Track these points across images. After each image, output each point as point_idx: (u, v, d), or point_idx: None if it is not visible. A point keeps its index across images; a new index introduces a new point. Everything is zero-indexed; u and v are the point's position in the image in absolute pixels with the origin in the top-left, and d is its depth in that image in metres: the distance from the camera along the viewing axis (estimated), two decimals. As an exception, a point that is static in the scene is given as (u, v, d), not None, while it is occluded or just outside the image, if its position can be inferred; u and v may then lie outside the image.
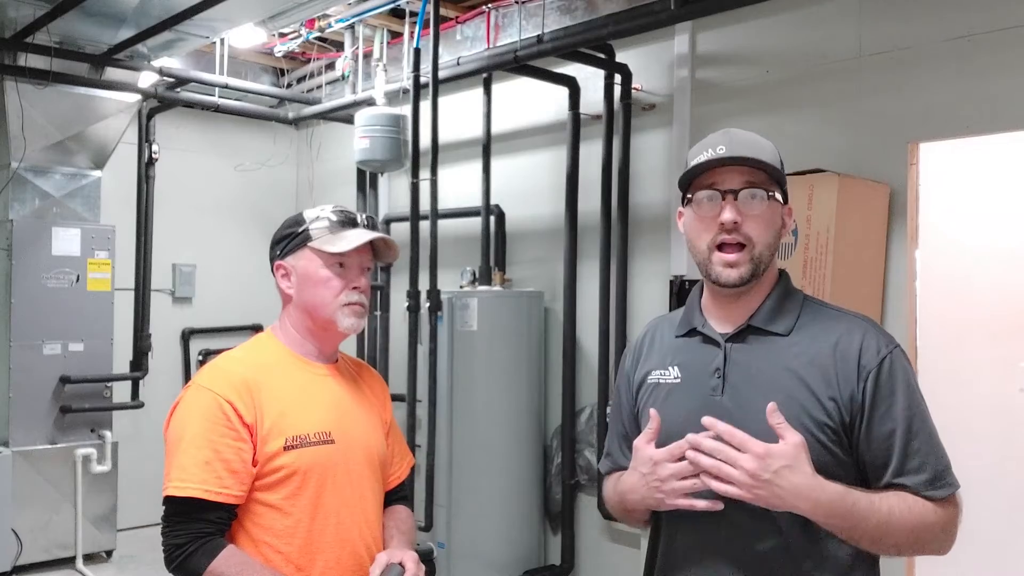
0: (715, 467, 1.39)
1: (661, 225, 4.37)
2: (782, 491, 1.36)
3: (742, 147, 1.51)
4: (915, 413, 1.47)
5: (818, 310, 1.58)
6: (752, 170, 1.51)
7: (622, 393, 1.73)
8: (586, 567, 4.71)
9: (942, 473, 1.46)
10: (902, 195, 3.48)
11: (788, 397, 1.47)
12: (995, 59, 3.27)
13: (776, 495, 1.37)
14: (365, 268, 1.88)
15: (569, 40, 4.28)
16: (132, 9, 4.48)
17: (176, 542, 1.69)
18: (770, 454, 1.36)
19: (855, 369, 1.48)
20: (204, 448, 1.70)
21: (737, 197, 1.50)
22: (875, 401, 1.47)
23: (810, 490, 1.38)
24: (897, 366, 1.49)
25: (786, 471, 1.36)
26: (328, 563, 1.77)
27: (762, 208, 1.51)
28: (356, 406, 1.91)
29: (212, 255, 6.48)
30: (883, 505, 1.41)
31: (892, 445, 1.45)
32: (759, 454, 1.36)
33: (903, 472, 1.45)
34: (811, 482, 1.38)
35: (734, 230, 1.50)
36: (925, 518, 1.43)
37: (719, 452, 1.39)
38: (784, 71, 3.92)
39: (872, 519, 1.40)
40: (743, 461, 1.37)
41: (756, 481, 1.36)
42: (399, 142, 5.01)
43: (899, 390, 1.47)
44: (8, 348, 5.10)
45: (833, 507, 1.39)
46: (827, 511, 1.39)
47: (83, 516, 5.28)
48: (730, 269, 1.51)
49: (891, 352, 1.49)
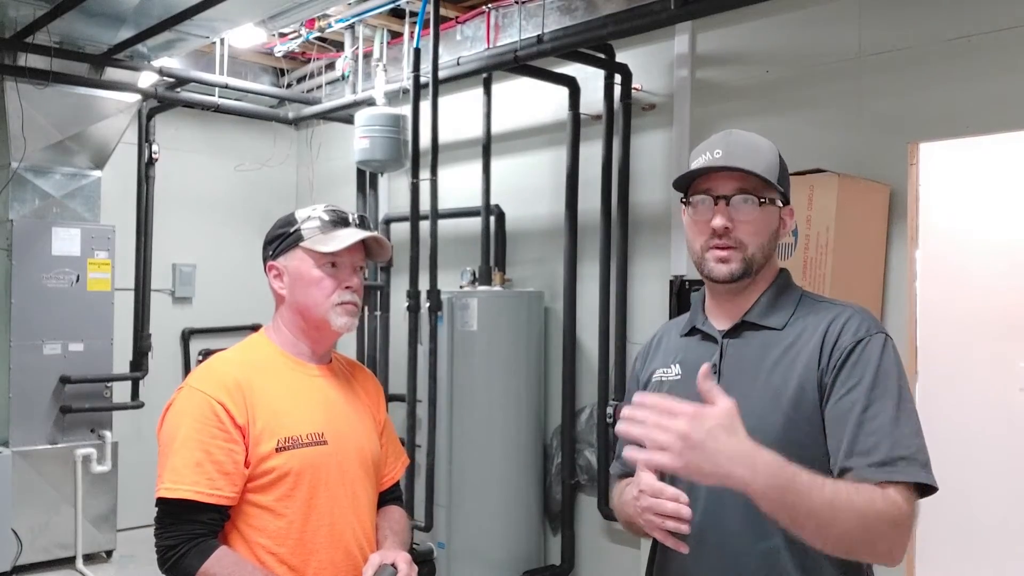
0: (644, 434, 1.30)
1: (661, 225, 4.36)
2: (717, 454, 1.26)
3: (737, 153, 1.53)
4: (880, 397, 1.42)
5: (814, 304, 1.59)
6: (746, 175, 1.52)
7: (631, 394, 1.74)
8: (586, 567, 4.70)
9: (894, 459, 1.37)
10: (902, 195, 3.47)
11: (776, 389, 1.49)
12: (995, 59, 3.26)
13: (710, 460, 1.27)
14: (357, 267, 1.88)
15: (569, 40, 4.27)
16: (132, 9, 4.48)
17: (168, 543, 1.69)
18: (702, 414, 1.28)
19: (832, 346, 1.47)
20: (196, 450, 1.69)
21: (729, 203, 1.53)
22: (837, 379, 1.45)
23: (746, 455, 1.28)
24: (872, 349, 1.46)
25: (720, 432, 1.27)
26: (321, 564, 1.77)
27: (754, 214, 1.53)
28: (349, 407, 1.90)
29: (212, 255, 6.49)
30: (827, 485, 1.32)
31: (847, 422, 1.42)
32: (690, 415, 1.28)
33: (852, 452, 1.39)
34: (747, 447, 1.29)
35: (725, 235, 1.52)
36: (874, 503, 1.32)
37: (649, 419, 1.30)
38: (784, 71, 3.92)
39: (815, 497, 1.29)
40: (674, 424, 1.28)
41: (688, 444, 1.26)
42: (399, 142, 5.01)
43: (868, 372, 1.44)
44: (8, 348, 5.10)
45: (772, 476, 1.28)
46: (766, 482, 1.27)
47: (83, 516, 5.28)
48: (722, 264, 1.54)
49: (871, 336, 1.47)
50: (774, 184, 1.55)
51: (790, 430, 1.46)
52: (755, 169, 1.51)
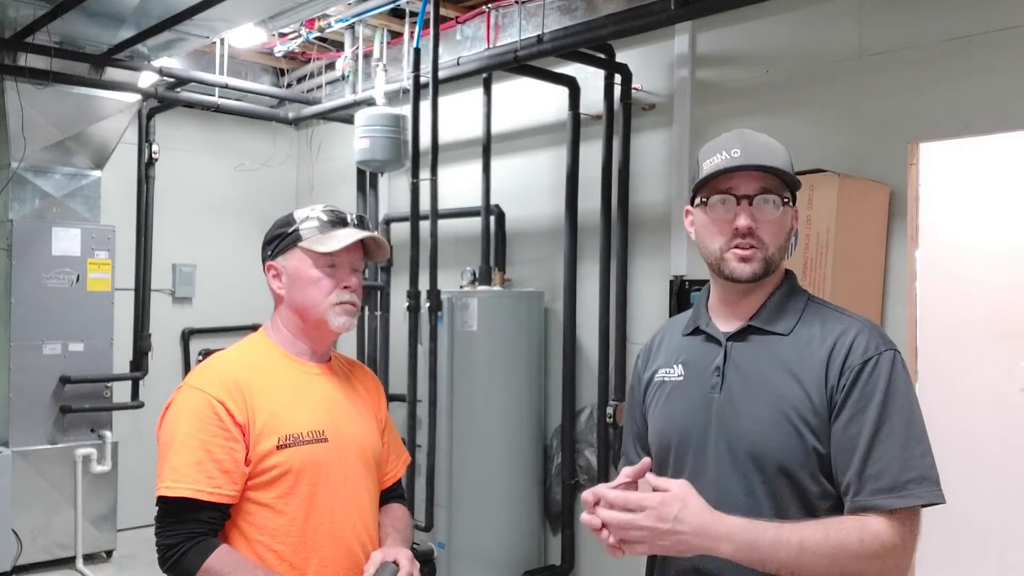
0: (621, 536, 1.37)
1: (661, 225, 4.36)
2: (686, 535, 1.34)
3: (758, 152, 1.51)
4: (889, 419, 1.42)
5: (821, 311, 1.57)
6: (766, 175, 1.50)
7: (634, 393, 1.75)
8: (586, 567, 4.70)
9: (903, 484, 1.38)
10: (902, 195, 3.47)
11: (780, 398, 1.48)
12: (995, 59, 3.26)
13: (682, 541, 1.34)
14: (356, 267, 1.88)
15: (569, 40, 4.28)
16: (132, 9, 4.48)
17: (169, 542, 1.69)
18: (663, 502, 1.35)
19: (841, 365, 1.46)
20: (196, 448, 1.70)
21: (752, 203, 1.51)
22: (847, 400, 1.44)
23: (711, 525, 1.35)
24: (882, 368, 1.45)
25: (684, 513, 1.34)
26: (322, 561, 1.77)
27: (776, 214, 1.51)
28: (349, 404, 1.91)
29: (212, 255, 6.49)
30: (794, 535, 1.36)
31: (855, 448, 1.41)
32: (652, 506, 1.34)
33: (860, 479, 1.40)
34: (710, 516, 1.36)
35: (748, 235, 1.50)
36: (845, 546, 1.36)
37: (616, 521, 1.37)
38: (784, 71, 3.92)
39: (781, 551, 1.35)
40: (640, 520, 1.35)
41: (658, 534, 1.34)
42: (399, 142, 5.01)
43: (878, 392, 1.43)
44: (8, 348, 5.10)
45: (738, 537, 1.35)
46: (731, 548, 1.35)
47: (83, 516, 5.28)
48: (744, 264, 1.51)
49: (880, 354, 1.46)
50: (791, 184, 1.54)
51: (793, 439, 1.45)
52: (780, 167, 1.50)
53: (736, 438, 1.49)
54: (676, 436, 1.58)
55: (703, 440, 1.53)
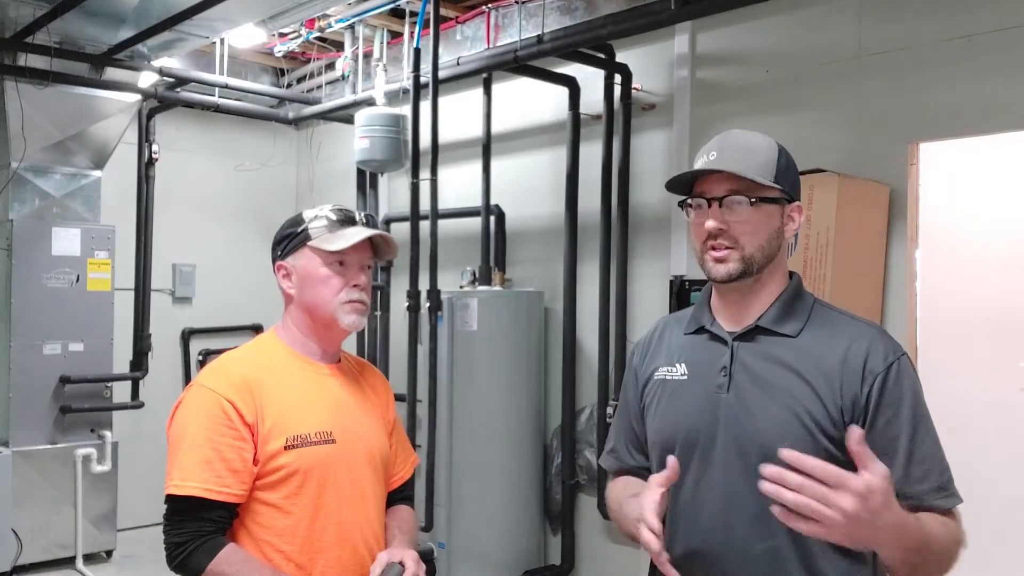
0: (806, 506, 1.21)
1: (661, 225, 4.37)
2: (880, 532, 1.25)
3: (729, 155, 1.53)
4: (920, 421, 1.47)
5: (828, 314, 1.58)
6: (737, 176, 1.52)
7: (629, 389, 1.75)
8: (586, 567, 4.71)
9: (947, 484, 1.46)
10: (902, 195, 3.48)
11: (791, 398, 1.48)
12: (995, 59, 3.27)
13: (873, 537, 1.26)
14: (365, 266, 1.88)
15: (569, 40, 4.28)
16: (132, 9, 4.48)
17: (177, 540, 1.70)
18: (871, 490, 1.21)
19: (860, 373, 1.47)
20: (205, 447, 1.70)
21: (722, 204, 1.53)
22: (880, 405, 1.46)
23: (897, 527, 1.27)
24: (904, 373, 1.48)
25: (884, 509, 1.24)
26: (329, 562, 1.77)
27: (746, 213, 1.53)
28: (358, 405, 1.91)
29: (212, 255, 6.49)
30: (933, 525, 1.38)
31: (896, 451, 1.44)
32: (860, 492, 1.21)
33: (908, 480, 1.43)
34: (899, 518, 1.27)
35: (720, 235, 1.53)
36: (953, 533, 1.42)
37: (807, 489, 1.22)
38: (784, 71, 3.93)
39: (937, 543, 1.37)
40: (841, 501, 1.20)
41: (851, 521, 1.21)
42: (399, 142, 5.01)
43: (906, 396, 1.47)
44: (8, 348, 5.10)
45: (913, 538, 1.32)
46: (903, 552, 1.32)
47: (83, 516, 5.28)
48: (719, 265, 1.54)
49: (899, 359, 1.49)
50: (769, 183, 1.53)
51: (806, 440, 1.45)
52: (746, 172, 1.50)
53: (747, 437, 1.50)
54: (681, 436, 1.57)
55: (710, 440, 1.54)
